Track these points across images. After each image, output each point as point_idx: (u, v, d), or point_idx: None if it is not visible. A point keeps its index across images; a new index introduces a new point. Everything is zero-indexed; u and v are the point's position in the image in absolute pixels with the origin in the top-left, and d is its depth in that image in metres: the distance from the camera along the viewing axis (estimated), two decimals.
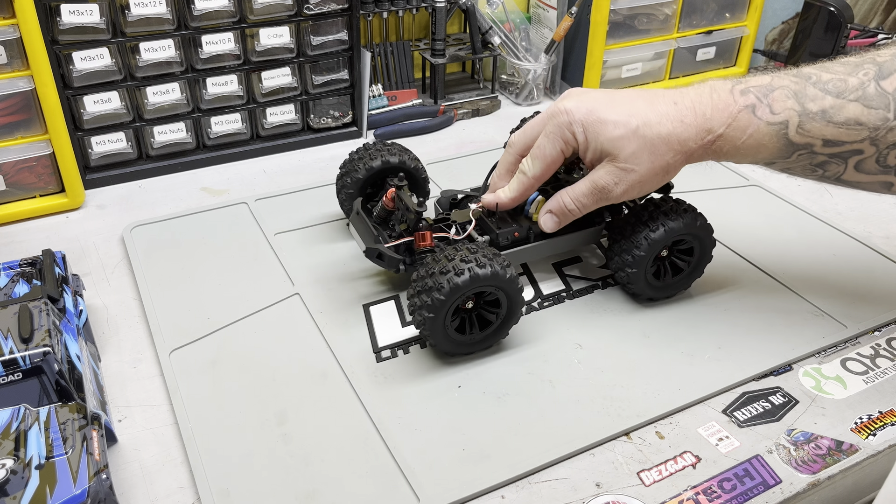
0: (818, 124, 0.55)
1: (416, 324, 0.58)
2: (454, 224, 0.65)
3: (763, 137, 0.56)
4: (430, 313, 0.56)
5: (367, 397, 0.57)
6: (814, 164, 0.58)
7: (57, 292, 0.56)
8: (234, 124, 0.89)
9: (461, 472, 0.51)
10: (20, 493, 0.42)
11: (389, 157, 0.70)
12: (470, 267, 0.55)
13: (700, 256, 0.67)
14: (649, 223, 0.63)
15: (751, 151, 0.57)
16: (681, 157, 0.58)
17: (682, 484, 0.51)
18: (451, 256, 0.56)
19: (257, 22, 0.84)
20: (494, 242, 0.64)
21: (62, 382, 0.49)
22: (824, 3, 1.07)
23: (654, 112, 0.57)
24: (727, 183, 0.87)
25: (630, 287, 0.66)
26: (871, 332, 0.65)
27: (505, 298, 0.58)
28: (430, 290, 0.55)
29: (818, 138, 0.56)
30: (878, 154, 0.55)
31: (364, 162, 0.70)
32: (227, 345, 0.62)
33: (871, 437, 0.55)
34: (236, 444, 0.53)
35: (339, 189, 0.72)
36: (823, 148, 0.56)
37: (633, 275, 0.64)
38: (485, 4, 1.06)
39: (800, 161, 0.57)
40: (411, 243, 0.62)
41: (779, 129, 0.56)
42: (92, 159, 0.84)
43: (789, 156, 0.57)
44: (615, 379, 0.59)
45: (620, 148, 0.57)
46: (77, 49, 0.77)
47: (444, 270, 0.55)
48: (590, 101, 0.59)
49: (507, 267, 0.57)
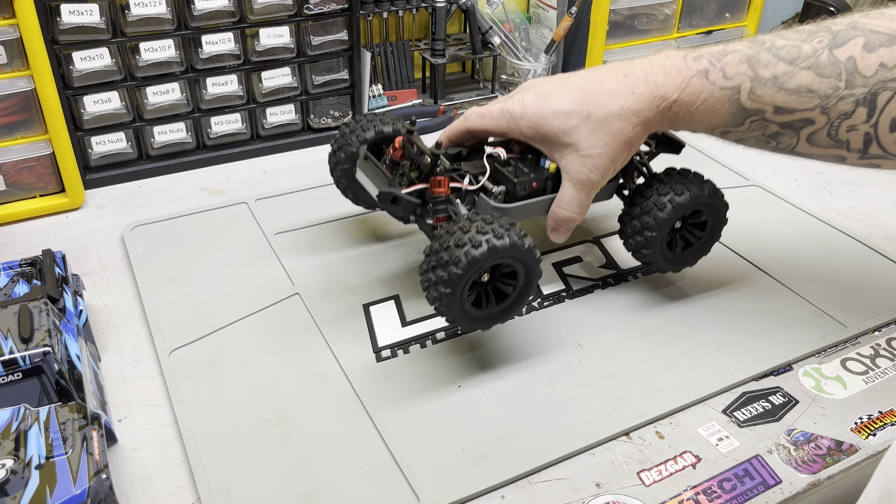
0: (770, 90, 0.55)
1: (431, 300, 0.55)
2: (467, 174, 0.61)
3: (716, 102, 0.56)
4: (446, 288, 0.52)
5: (367, 397, 0.57)
6: (767, 135, 0.58)
7: (57, 292, 0.56)
8: (234, 124, 0.89)
9: (461, 472, 0.51)
10: (20, 493, 0.42)
11: (383, 126, 0.67)
12: (488, 238, 0.52)
13: (711, 232, 0.67)
14: (674, 187, 0.62)
15: (705, 117, 0.58)
16: (640, 129, 0.58)
17: (682, 484, 0.51)
18: (466, 228, 0.53)
19: (257, 22, 0.84)
20: (511, 192, 0.61)
21: (62, 382, 0.49)
22: (824, 3, 1.07)
23: (603, 92, 0.58)
24: (727, 183, 0.87)
25: (643, 254, 0.65)
26: (871, 332, 0.65)
27: (523, 270, 0.56)
28: (447, 264, 0.52)
29: (769, 104, 0.55)
30: (830, 125, 0.55)
31: (357, 134, 0.67)
32: (227, 345, 0.62)
33: (871, 437, 0.55)
34: (236, 444, 0.53)
35: (333, 166, 0.70)
36: (775, 115, 0.56)
37: (651, 239, 0.63)
38: (485, 4, 1.06)
39: (752, 130, 0.58)
40: (424, 191, 0.59)
41: (731, 94, 0.56)
42: (92, 159, 0.84)
43: (742, 122, 0.57)
44: (615, 379, 0.59)
45: (578, 137, 0.58)
46: (77, 49, 0.77)
47: (459, 243, 0.52)
48: (543, 94, 0.59)
49: (524, 237, 0.54)
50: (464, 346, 0.62)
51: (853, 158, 0.57)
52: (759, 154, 0.95)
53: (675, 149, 0.69)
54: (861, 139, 0.55)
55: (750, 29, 1.14)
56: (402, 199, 0.58)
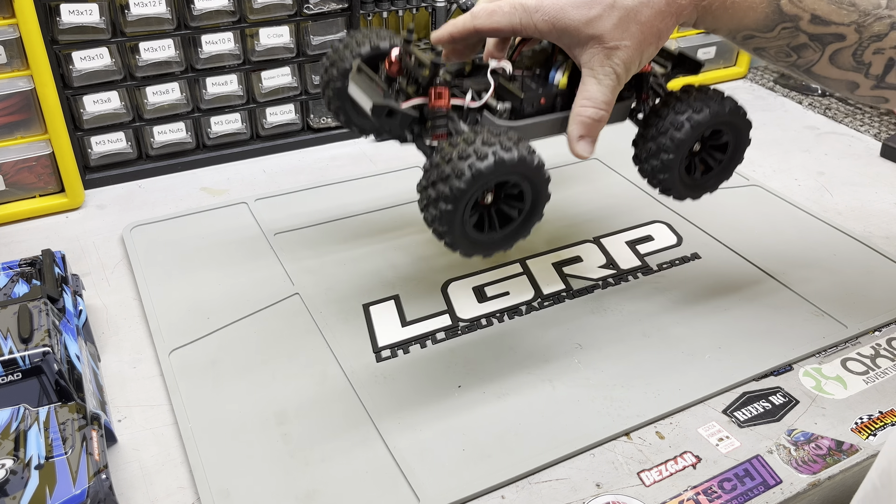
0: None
1: (430, 219, 0.50)
2: (470, 90, 0.56)
3: (755, 0, 0.53)
4: (447, 205, 0.48)
5: (367, 397, 0.57)
6: (791, 46, 0.55)
7: (57, 292, 0.56)
8: (234, 124, 0.89)
9: (461, 472, 0.51)
10: (20, 493, 0.42)
11: (379, 41, 0.61)
12: (494, 150, 0.48)
13: (733, 153, 0.62)
14: (692, 104, 0.58)
15: (738, 14, 0.54)
16: (671, 19, 0.54)
17: (683, 484, 0.51)
18: (471, 139, 0.48)
19: (257, 22, 0.84)
20: (518, 109, 0.56)
21: (62, 382, 0.48)
22: None
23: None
24: (727, 183, 0.87)
25: (660, 179, 0.60)
26: (871, 332, 0.65)
27: (530, 190, 0.52)
28: (448, 177, 0.48)
29: (808, 11, 0.54)
30: (859, 44, 0.54)
31: (351, 49, 0.61)
32: (227, 345, 0.62)
33: (872, 437, 0.55)
34: (236, 444, 0.53)
35: (326, 84, 0.63)
36: (809, 25, 0.54)
37: (668, 162, 0.58)
38: None
39: (780, 38, 0.55)
40: (423, 106, 0.54)
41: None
42: (92, 159, 0.84)
43: (773, 28, 0.55)
44: (615, 379, 0.59)
45: (602, 28, 0.52)
46: (77, 49, 0.77)
47: (463, 155, 0.48)
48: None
49: (532, 153, 0.50)
50: (464, 346, 0.62)
51: (865, 87, 0.56)
52: (759, 154, 0.95)
53: (694, 69, 0.63)
54: (883, 64, 0.54)
55: None
56: (398, 111, 0.53)
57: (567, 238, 0.75)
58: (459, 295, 0.68)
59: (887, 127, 1.01)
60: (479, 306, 0.66)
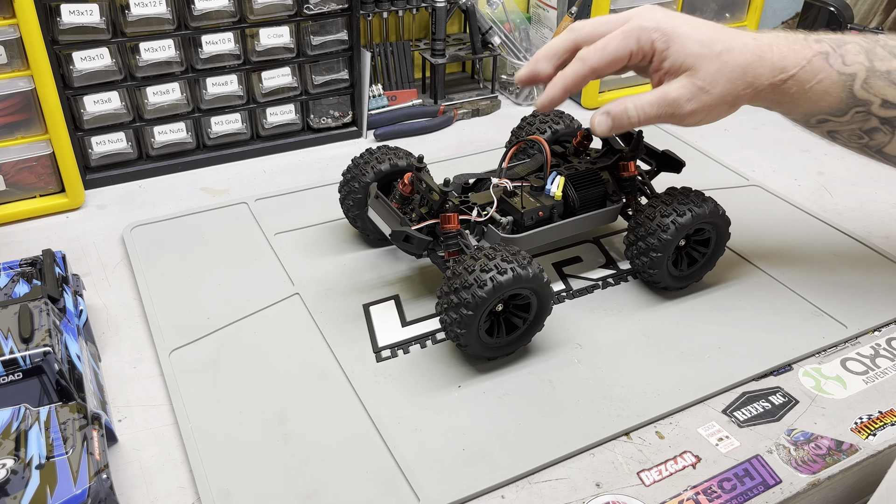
0: (883, 83, 0.57)
1: (449, 321, 0.57)
2: (475, 206, 0.64)
3: (831, 86, 0.57)
4: (468, 311, 0.55)
5: (367, 397, 0.57)
6: (863, 130, 0.59)
7: (57, 292, 0.56)
8: (234, 124, 0.89)
9: (461, 472, 0.51)
10: (20, 493, 0.43)
11: (397, 160, 0.69)
12: (513, 267, 0.55)
13: (715, 247, 0.68)
14: (676, 208, 0.63)
15: (815, 98, 0.58)
16: (750, 92, 0.58)
17: (682, 484, 0.51)
18: (492, 255, 0.56)
19: (257, 22, 0.84)
20: (519, 223, 0.64)
21: (62, 382, 0.49)
22: (824, 3, 1.07)
23: (736, 41, 0.57)
24: (727, 183, 0.87)
25: (650, 274, 0.66)
26: (871, 332, 0.65)
27: (536, 303, 0.58)
28: (471, 286, 0.54)
29: (879, 97, 0.57)
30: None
31: (372, 165, 0.69)
32: (227, 345, 0.62)
33: (871, 437, 0.55)
34: (236, 444, 0.53)
35: (345, 196, 0.70)
36: (881, 109, 0.57)
37: (656, 259, 0.64)
38: (485, 4, 1.06)
39: (853, 122, 0.59)
40: (434, 226, 0.61)
41: (846, 80, 0.57)
42: (92, 159, 0.84)
43: (846, 112, 0.58)
44: (615, 379, 0.59)
45: (702, 66, 0.57)
46: (77, 49, 0.77)
47: (486, 268, 0.55)
48: (674, 17, 0.58)
49: (542, 271, 0.57)
50: None
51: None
52: (759, 154, 0.95)
53: (676, 168, 0.71)
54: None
55: (750, 29, 1.14)
56: (413, 237, 0.60)
57: (567, 238, 0.75)
58: None
59: None
60: None
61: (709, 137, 0.98)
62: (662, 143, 0.95)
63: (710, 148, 0.94)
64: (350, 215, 0.72)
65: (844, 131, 0.60)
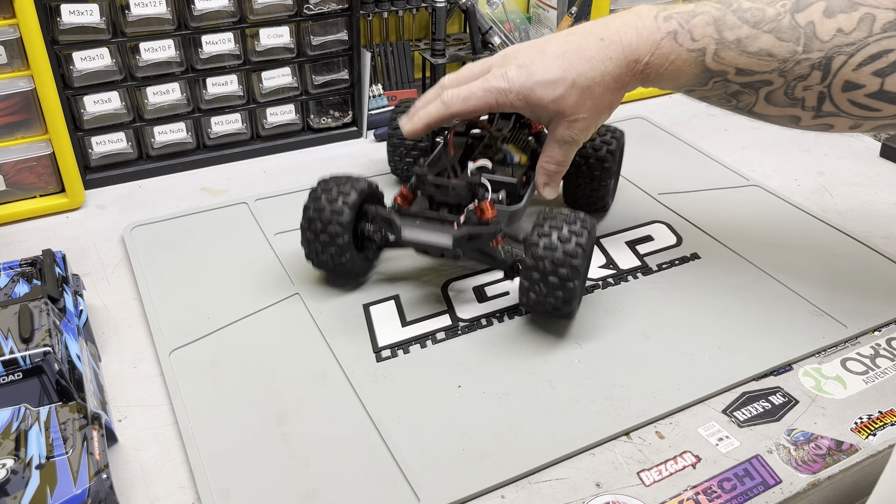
0: (733, 53, 0.58)
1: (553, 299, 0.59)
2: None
3: (683, 64, 0.60)
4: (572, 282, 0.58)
5: (367, 397, 0.57)
6: (728, 94, 0.61)
7: (57, 292, 0.56)
8: (234, 124, 0.89)
9: (461, 472, 0.51)
10: (20, 493, 0.43)
11: (362, 186, 0.65)
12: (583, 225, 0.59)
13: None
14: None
15: (672, 77, 0.61)
16: (619, 92, 0.62)
17: (682, 484, 0.51)
18: (560, 225, 0.58)
19: (257, 22, 0.84)
20: (513, 194, 0.67)
21: (62, 382, 0.49)
22: None
23: (583, 59, 0.61)
24: (727, 183, 0.87)
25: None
26: (871, 332, 0.65)
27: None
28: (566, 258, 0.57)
29: (732, 66, 0.58)
30: (787, 86, 0.58)
31: (342, 202, 0.63)
32: (227, 345, 0.62)
33: (871, 437, 0.55)
34: (236, 444, 0.53)
35: (316, 235, 0.64)
36: (736, 76, 0.59)
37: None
38: (485, 4, 1.06)
39: (715, 89, 0.61)
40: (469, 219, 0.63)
41: (697, 56, 0.59)
42: (92, 159, 0.84)
43: (706, 82, 0.60)
44: (615, 379, 0.59)
45: (564, 105, 0.62)
46: (77, 49, 0.77)
47: (564, 239, 0.57)
48: (526, 66, 0.62)
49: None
50: (464, 346, 0.62)
51: (807, 118, 0.60)
52: (759, 154, 0.96)
53: None
54: (815, 98, 0.58)
55: None
56: (480, 232, 0.61)
57: None
58: (459, 295, 0.68)
59: None
60: (479, 306, 0.66)
61: (709, 137, 0.98)
62: (661, 142, 0.95)
63: (710, 148, 0.94)
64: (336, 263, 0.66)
65: (712, 97, 0.62)
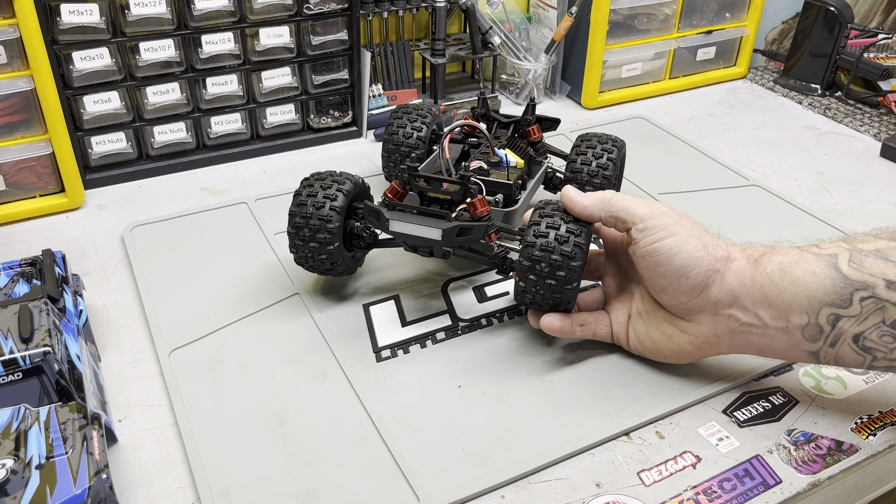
0: (872, 260, 0.49)
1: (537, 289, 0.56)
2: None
3: (814, 265, 0.50)
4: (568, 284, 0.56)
5: (367, 397, 0.57)
6: (889, 323, 0.48)
7: (57, 292, 0.56)
8: (234, 124, 0.89)
9: (461, 472, 0.51)
10: (20, 493, 0.43)
11: (352, 181, 0.64)
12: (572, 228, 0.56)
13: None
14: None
15: (803, 282, 0.50)
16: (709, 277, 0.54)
17: (682, 484, 0.51)
18: (556, 225, 0.56)
19: (257, 22, 0.84)
20: (509, 196, 0.66)
21: (62, 382, 0.49)
22: (824, 3, 1.07)
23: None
24: (727, 183, 0.87)
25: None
26: None
27: None
28: (564, 258, 0.55)
29: (879, 277, 0.48)
30: None
31: (330, 206, 0.61)
32: (227, 345, 0.62)
33: (871, 437, 0.55)
34: (236, 444, 0.53)
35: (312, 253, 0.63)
36: (888, 291, 0.48)
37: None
38: (485, 4, 1.06)
39: (867, 313, 0.49)
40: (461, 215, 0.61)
41: (829, 259, 0.50)
42: (92, 159, 0.84)
43: (848, 298, 0.49)
44: (615, 379, 0.59)
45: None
46: (77, 49, 0.77)
47: (562, 240, 0.55)
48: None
49: None
50: (464, 346, 0.62)
51: None
52: (759, 154, 0.95)
53: (553, 125, 0.79)
54: None
55: (750, 29, 1.13)
56: (472, 226, 0.58)
57: None
58: (459, 295, 0.68)
59: (887, 127, 1.01)
60: (479, 306, 0.66)
61: (709, 137, 0.98)
62: (661, 142, 0.95)
63: (710, 148, 0.94)
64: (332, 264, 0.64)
65: (870, 333, 0.49)
